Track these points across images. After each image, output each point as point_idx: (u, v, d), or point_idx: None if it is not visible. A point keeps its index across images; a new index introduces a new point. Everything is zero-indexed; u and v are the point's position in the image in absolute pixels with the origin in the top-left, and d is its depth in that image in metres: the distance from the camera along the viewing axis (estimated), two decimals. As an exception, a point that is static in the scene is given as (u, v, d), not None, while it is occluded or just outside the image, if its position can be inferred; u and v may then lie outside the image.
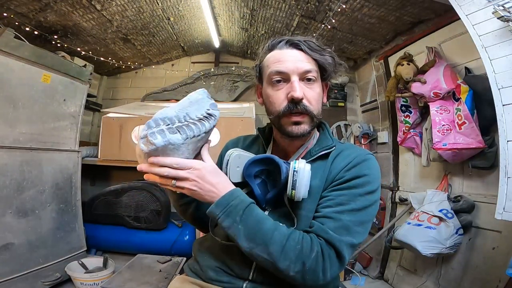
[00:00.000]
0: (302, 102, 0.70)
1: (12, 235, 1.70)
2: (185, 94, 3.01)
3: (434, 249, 1.61)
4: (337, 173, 0.71)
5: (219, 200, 0.63)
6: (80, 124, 2.24)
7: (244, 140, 0.92)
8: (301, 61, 0.71)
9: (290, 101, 0.70)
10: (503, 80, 1.16)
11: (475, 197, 1.71)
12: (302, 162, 0.65)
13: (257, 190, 0.72)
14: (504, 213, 1.12)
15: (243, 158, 0.72)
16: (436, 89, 1.75)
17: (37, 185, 1.89)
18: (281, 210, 0.72)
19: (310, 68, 0.71)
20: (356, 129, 2.70)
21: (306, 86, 0.71)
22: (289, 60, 0.71)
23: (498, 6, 1.14)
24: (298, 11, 2.34)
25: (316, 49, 0.73)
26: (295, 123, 0.71)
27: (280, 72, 0.71)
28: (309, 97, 0.71)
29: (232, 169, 0.71)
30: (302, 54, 0.72)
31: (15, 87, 1.75)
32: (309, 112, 0.71)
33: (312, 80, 0.72)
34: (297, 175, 0.63)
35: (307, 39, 0.74)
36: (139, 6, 2.41)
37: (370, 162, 0.72)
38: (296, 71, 0.71)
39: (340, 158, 0.74)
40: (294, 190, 0.64)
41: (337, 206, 0.65)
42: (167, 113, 0.61)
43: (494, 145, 1.60)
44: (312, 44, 0.73)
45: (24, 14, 2.17)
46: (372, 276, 2.35)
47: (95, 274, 1.90)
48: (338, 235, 0.62)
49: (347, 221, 0.64)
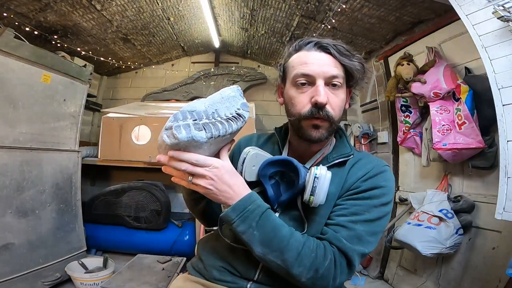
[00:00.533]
0: (325, 108, 0.68)
1: (12, 235, 1.70)
2: (185, 94, 3.01)
3: (434, 249, 1.61)
4: (354, 182, 0.71)
5: (236, 204, 0.62)
6: (80, 124, 2.24)
7: (258, 138, 0.90)
8: (328, 65, 0.70)
9: (314, 105, 0.68)
10: (503, 80, 1.16)
11: (475, 197, 1.71)
12: (324, 169, 0.65)
13: (271, 191, 0.71)
14: (504, 213, 1.11)
15: (260, 158, 0.72)
16: (436, 89, 1.75)
17: (37, 185, 1.89)
18: (292, 213, 0.72)
19: (337, 73, 0.70)
20: (356, 129, 2.70)
21: (331, 91, 0.70)
22: (316, 63, 0.70)
23: (498, 6, 1.14)
24: (298, 11, 2.34)
25: (346, 54, 0.71)
26: (315, 127, 0.70)
27: (306, 74, 0.69)
28: (332, 103, 0.70)
29: (248, 168, 0.70)
30: (330, 58, 0.70)
31: (15, 87, 1.75)
32: (330, 118, 0.69)
33: (337, 86, 0.70)
34: (317, 182, 0.63)
35: (336, 43, 0.71)
36: (139, 6, 2.41)
37: (387, 174, 0.73)
38: (323, 75, 0.69)
39: (357, 167, 0.74)
40: (312, 196, 0.63)
41: (352, 216, 0.66)
42: (196, 106, 0.59)
43: (494, 145, 1.59)
44: (342, 48, 0.71)
45: (24, 14, 2.17)
46: (372, 276, 2.35)
47: (95, 274, 1.90)
48: (350, 244, 0.63)
49: (361, 231, 0.65)
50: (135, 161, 2.72)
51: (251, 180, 0.71)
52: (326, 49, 0.71)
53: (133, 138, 2.80)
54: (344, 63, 0.70)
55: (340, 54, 0.70)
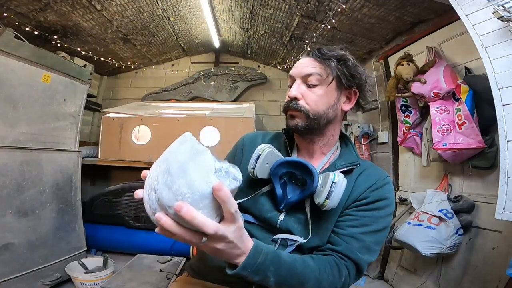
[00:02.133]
0: (296, 101, 0.75)
1: (12, 235, 1.70)
2: (185, 94, 3.02)
3: (434, 249, 1.61)
4: (362, 192, 0.73)
5: (245, 262, 0.54)
6: (80, 124, 2.24)
7: (263, 137, 0.90)
8: (306, 66, 0.76)
9: (288, 100, 0.77)
10: (503, 80, 1.16)
11: (475, 197, 1.71)
12: (341, 176, 0.67)
13: (280, 191, 0.73)
14: (504, 213, 1.11)
15: (274, 157, 0.74)
16: (436, 89, 1.75)
17: (37, 185, 1.89)
18: (298, 215, 0.73)
19: (312, 72, 0.74)
20: (356, 129, 2.70)
21: (308, 89, 0.75)
22: (298, 66, 0.78)
23: (498, 6, 1.14)
24: (298, 11, 2.34)
25: (323, 54, 0.75)
26: (290, 117, 0.77)
27: (290, 76, 0.79)
28: (307, 97, 0.75)
29: (261, 165, 0.72)
30: (310, 60, 0.77)
31: (15, 87, 1.75)
32: (302, 110, 0.74)
33: (313, 83, 0.75)
34: (335, 187, 0.65)
35: (322, 47, 0.77)
36: (139, 6, 2.41)
37: (390, 185, 0.77)
38: (299, 75, 0.76)
39: (363, 177, 0.76)
40: (328, 199, 0.65)
41: (362, 227, 0.70)
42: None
43: (494, 145, 1.60)
44: (323, 50, 0.76)
45: (24, 14, 2.17)
46: (372, 276, 2.35)
47: (95, 274, 1.90)
48: (361, 255, 0.68)
49: (369, 242, 0.70)
50: (135, 161, 2.72)
51: (261, 178, 0.73)
52: (309, 53, 0.78)
53: (133, 138, 2.81)
54: (320, 62, 0.75)
55: (318, 56, 0.75)
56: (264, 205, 0.75)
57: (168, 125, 2.76)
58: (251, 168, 0.72)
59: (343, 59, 0.75)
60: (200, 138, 2.69)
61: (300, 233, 0.71)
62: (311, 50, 0.78)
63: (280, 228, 0.72)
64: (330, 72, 0.74)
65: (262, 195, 0.76)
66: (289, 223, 0.72)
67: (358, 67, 0.77)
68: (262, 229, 0.74)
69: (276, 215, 0.73)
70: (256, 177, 0.72)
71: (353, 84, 0.76)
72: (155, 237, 2.45)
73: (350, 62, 0.75)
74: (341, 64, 0.75)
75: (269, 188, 0.75)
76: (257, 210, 0.75)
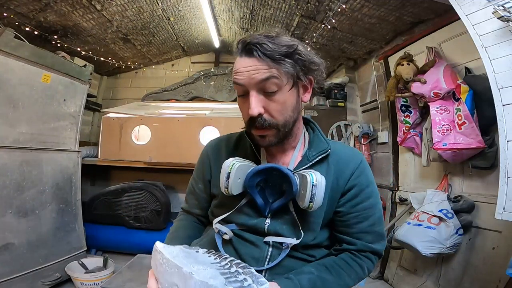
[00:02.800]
0: (262, 117, 0.66)
1: (12, 235, 1.70)
2: (185, 94, 3.01)
3: (434, 249, 1.61)
4: (346, 181, 0.74)
5: None
6: (80, 124, 2.24)
7: (227, 142, 0.85)
8: (255, 71, 0.63)
9: (250, 118, 0.66)
10: (503, 80, 1.16)
11: (475, 197, 1.71)
12: (319, 175, 0.65)
13: (260, 200, 0.71)
14: (504, 213, 1.11)
15: (244, 169, 0.69)
16: (436, 89, 1.75)
17: (37, 185, 1.89)
18: (284, 217, 0.72)
19: (267, 76, 0.63)
20: (356, 129, 2.70)
21: (267, 98, 0.65)
22: (244, 71, 0.64)
23: (498, 6, 1.14)
24: (298, 11, 2.34)
25: (270, 53, 0.62)
26: (260, 136, 0.69)
27: (238, 85, 0.66)
28: (270, 110, 0.66)
29: (233, 182, 0.67)
30: (256, 61, 0.63)
31: (15, 87, 1.75)
32: (272, 125, 0.66)
33: (271, 90, 0.64)
34: (315, 189, 0.63)
35: (262, 40, 0.63)
36: (139, 6, 2.41)
37: (367, 164, 0.78)
38: (252, 84, 0.64)
39: (342, 163, 0.75)
40: (312, 202, 0.64)
41: (368, 220, 0.73)
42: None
43: (494, 145, 1.59)
44: (269, 47, 0.63)
45: (24, 14, 2.17)
46: (372, 276, 2.35)
47: (95, 274, 1.90)
48: (378, 244, 0.74)
49: (379, 229, 0.75)
50: (135, 161, 2.72)
51: (237, 193, 0.70)
52: (251, 52, 0.64)
53: (133, 138, 2.81)
54: (270, 61, 0.63)
55: (265, 55, 0.63)
56: (248, 214, 0.74)
57: (168, 125, 2.76)
58: (224, 188, 0.68)
59: (295, 52, 0.65)
60: (200, 138, 2.69)
61: (290, 233, 0.71)
62: (252, 48, 0.63)
63: (269, 232, 0.72)
64: (286, 71, 0.64)
65: (244, 206, 0.74)
66: (277, 226, 0.71)
67: (311, 53, 0.68)
68: (252, 233, 0.74)
69: (262, 220, 0.72)
70: (232, 194, 0.69)
71: (310, 73, 0.69)
72: (155, 237, 2.45)
73: (302, 52, 0.66)
74: (294, 58, 0.65)
75: (248, 199, 0.73)
76: (242, 219, 0.74)
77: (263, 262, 0.71)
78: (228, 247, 0.74)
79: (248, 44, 0.64)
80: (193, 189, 0.88)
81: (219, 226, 0.73)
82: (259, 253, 0.71)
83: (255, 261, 0.71)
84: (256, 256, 0.71)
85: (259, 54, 0.63)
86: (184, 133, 2.69)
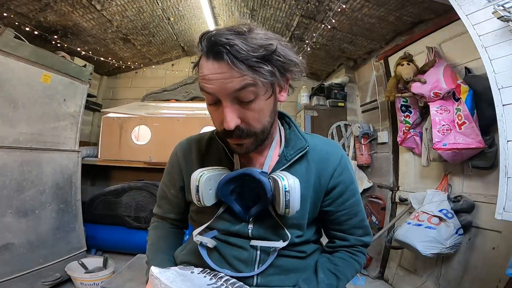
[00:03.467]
0: (239, 128, 0.60)
1: (12, 235, 1.70)
2: (185, 94, 3.01)
3: (434, 249, 1.61)
4: (329, 178, 0.73)
5: None
6: (80, 124, 2.24)
7: (198, 144, 0.79)
8: (227, 79, 0.55)
9: (224, 129, 0.60)
10: (503, 80, 1.16)
11: (475, 197, 1.71)
12: (292, 178, 0.61)
13: (237, 207, 0.69)
14: (504, 213, 1.11)
15: (214, 179, 0.66)
16: (436, 89, 1.75)
17: (37, 185, 1.89)
18: (266, 221, 0.70)
19: (243, 85, 0.55)
20: (356, 129, 2.70)
21: (242, 107, 0.58)
22: (214, 78, 0.56)
23: (498, 6, 1.14)
24: (298, 11, 2.34)
25: (245, 56, 0.53)
26: (237, 144, 0.64)
27: (208, 93, 0.58)
28: (247, 119, 0.60)
29: (204, 194, 0.64)
30: (228, 67, 0.54)
31: (15, 87, 1.75)
32: (249, 134, 0.61)
33: (248, 99, 0.57)
34: (289, 195, 0.59)
35: (233, 41, 0.53)
36: (139, 6, 2.41)
37: (347, 158, 0.78)
38: (225, 94, 0.56)
39: (322, 160, 0.73)
40: (288, 208, 0.61)
41: (356, 216, 0.76)
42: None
43: (494, 145, 1.59)
44: (240, 48, 0.53)
45: (24, 14, 2.17)
46: (372, 276, 2.35)
47: (95, 274, 1.90)
48: (368, 237, 0.78)
49: (366, 223, 0.79)
50: (135, 161, 2.72)
51: (212, 204, 0.67)
52: (221, 56, 0.54)
53: (133, 138, 2.81)
54: (246, 73, 0.54)
55: (237, 60, 0.53)
56: (229, 220, 0.71)
57: (168, 125, 2.76)
58: (197, 201, 0.65)
59: (273, 53, 0.56)
60: (200, 138, 2.68)
61: (275, 236, 0.69)
62: (221, 50, 0.53)
63: (254, 236, 0.70)
64: (262, 76, 0.55)
65: (223, 213, 0.71)
66: (261, 231, 0.70)
67: (289, 51, 0.60)
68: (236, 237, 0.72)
69: (244, 226, 0.70)
70: (205, 205, 0.65)
71: (287, 72, 0.62)
72: (155, 237, 2.45)
73: (280, 52, 0.57)
74: (272, 61, 0.56)
75: (225, 207, 0.70)
76: (224, 226, 0.71)
77: (252, 265, 0.69)
78: (214, 254, 0.71)
79: (216, 45, 0.54)
80: (165, 194, 0.84)
81: (200, 238, 0.70)
82: (247, 256, 0.69)
83: (244, 264, 0.69)
84: (244, 259, 0.69)
85: (230, 58, 0.53)
86: (184, 133, 2.66)
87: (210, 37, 0.55)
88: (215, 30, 0.56)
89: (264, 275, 0.70)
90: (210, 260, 0.70)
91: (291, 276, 0.72)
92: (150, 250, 0.83)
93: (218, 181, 0.66)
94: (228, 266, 0.70)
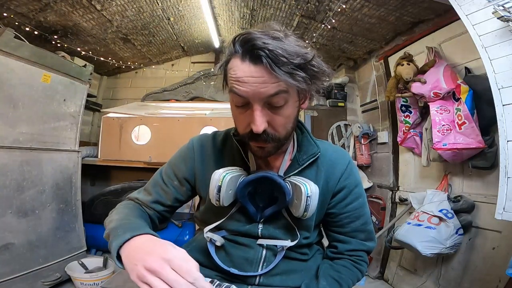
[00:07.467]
0: (265, 132, 0.60)
1: (12, 235, 1.70)
2: (185, 94, 3.02)
3: (434, 249, 1.61)
4: (336, 183, 0.74)
5: None
6: (80, 124, 2.24)
7: (213, 141, 0.80)
8: (264, 83, 0.55)
9: (251, 131, 0.60)
10: (503, 80, 1.16)
11: (475, 197, 1.71)
12: (313, 186, 0.64)
13: (252, 208, 0.70)
14: (504, 213, 1.11)
15: (235, 180, 0.67)
16: (436, 89, 1.75)
17: (37, 185, 1.89)
18: (278, 222, 0.72)
19: (276, 91, 0.56)
20: (356, 129, 2.70)
21: (272, 112, 0.59)
22: (249, 82, 0.55)
23: (498, 6, 1.14)
24: (298, 11, 2.34)
25: (284, 62, 0.53)
26: (259, 147, 0.65)
27: (239, 95, 0.58)
28: (274, 124, 0.61)
29: (225, 194, 0.65)
30: (265, 71, 0.54)
31: (15, 87, 1.75)
32: (274, 139, 0.62)
33: (279, 104, 0.58)
34: (310, 200, 0.62)
35: (274, 47, 0.53)
36: (139, 6, 2.41)
37: (354, 164, 0.79)
38: (258, 98, 0.56)
39: (331, 165, 0.75)
40: (306, 212, 0.64)
41: (359, 219, 0.76)
42: None
43: (494, 145, 1.59)
44: (280, 54, 0.53)
45: (24, 14, 2.17)
46: (372, 276, 2.35)
47: (95, 274, 1.90)
48: (370, 242, 0.77)
49: (370, 228, 0.78)
50: (135, 161, 2.72)
51: (229, 204, 0.68)
52: (259, 59, 0.54)
53: (133, 138, 2.81)
54: (281, 79, 0.54)
55: (276, 65, 0.53)
56: (240, 220, 0.73)
57: (168, 125, 2.76)
58: (215, 201, 0.65)
59: (309, 63, 0.56)
60: (200, 138, 2.68)
61: (285, 236, 0.71)
62: (260, 54, 0.53)
63: (263, 236, 0.72)
64: (296, 83, 0.55)
65: (235, 213, 0.73)
66: (271, 231, 0.72)
67: (321, 62, 0.60)
68: (245, 237, 0.73)
69: (255, 226, 0.72)
70: (224, 205, 0.66)
71: (317, 81, 0.62)
72: (155, 237, 2.45)
73: (315, 62, 0.57)
74: (307, 71, 0.56)
75: (238, 207, 0.72)
76: (234, 226, 0.73)
77: (257, 264, 0.71)
78: (221, 252, 0.73)
79: (255, 47, 0.54)
80: (163, 183, 0.78)
81: (211, 235, 0.72)
82: (253, 254, 0.71)
83: (249, 263, 0.71)
84: (249, 258, 0.71)
85: (269, 63, 0.53)
86: (184, 133, 2.69)
87: (248, 39, 0.56)
88: (249, 32, 0.57)
89: (266, 275, 0.71)
90: (217, 258, 0.71)
91: (292, 277, 0.73)
92: (117, 213, 0.72)
93: (236, 182, 0.68)
94: (233, 265, 0.71)
